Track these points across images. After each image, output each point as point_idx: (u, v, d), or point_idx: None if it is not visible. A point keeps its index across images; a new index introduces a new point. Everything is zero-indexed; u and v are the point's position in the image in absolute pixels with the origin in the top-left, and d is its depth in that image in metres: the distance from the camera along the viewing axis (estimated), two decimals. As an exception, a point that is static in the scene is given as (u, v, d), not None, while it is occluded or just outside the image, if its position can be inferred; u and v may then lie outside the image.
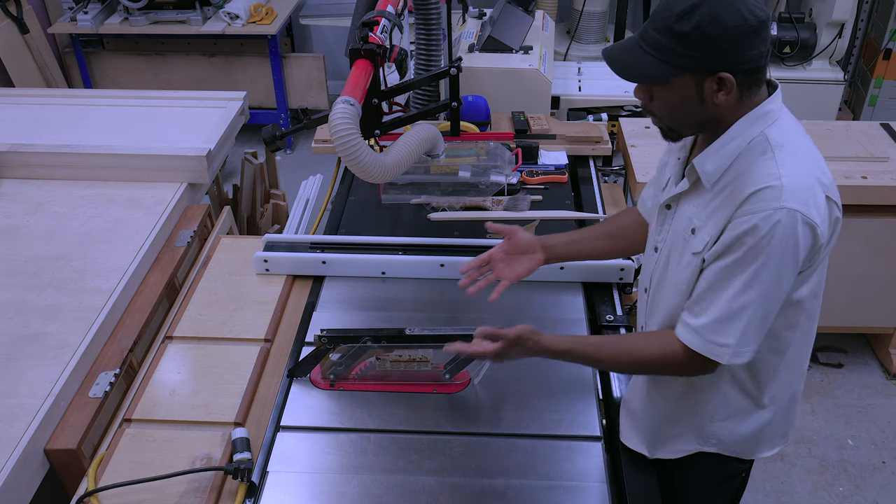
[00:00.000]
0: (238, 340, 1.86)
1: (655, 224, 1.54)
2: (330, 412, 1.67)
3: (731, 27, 1.23)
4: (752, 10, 1.24)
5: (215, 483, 1.50)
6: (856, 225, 2.81)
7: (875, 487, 2.74)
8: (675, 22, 1.25)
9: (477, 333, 1.55)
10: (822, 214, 1.29)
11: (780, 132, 1.34)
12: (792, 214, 1.26)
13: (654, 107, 1.38)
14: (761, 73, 1.32)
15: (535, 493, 1.48)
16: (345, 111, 1.73)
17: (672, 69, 1.28)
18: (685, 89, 1.30)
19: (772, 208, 1.26)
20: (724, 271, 1.33)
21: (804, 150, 1.35)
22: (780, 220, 1.26)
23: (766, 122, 1.34)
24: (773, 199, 1.26)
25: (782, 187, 1.26)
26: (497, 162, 2.33)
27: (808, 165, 1.32)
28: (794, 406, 1.59)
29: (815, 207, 1.28)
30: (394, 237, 2.12)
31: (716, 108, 1.32)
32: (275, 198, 3.20)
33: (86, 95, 3.01)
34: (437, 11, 2.59)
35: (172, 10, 4.50)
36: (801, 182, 1.28)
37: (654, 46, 1.28)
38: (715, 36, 1.23)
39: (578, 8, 4.58)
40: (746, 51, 1.26)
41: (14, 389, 1.70)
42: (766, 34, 1.28)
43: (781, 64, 4.21)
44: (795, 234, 1.27)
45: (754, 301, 1.31)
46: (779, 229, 1.26)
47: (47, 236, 2.19)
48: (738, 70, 1.27)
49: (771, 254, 1.27)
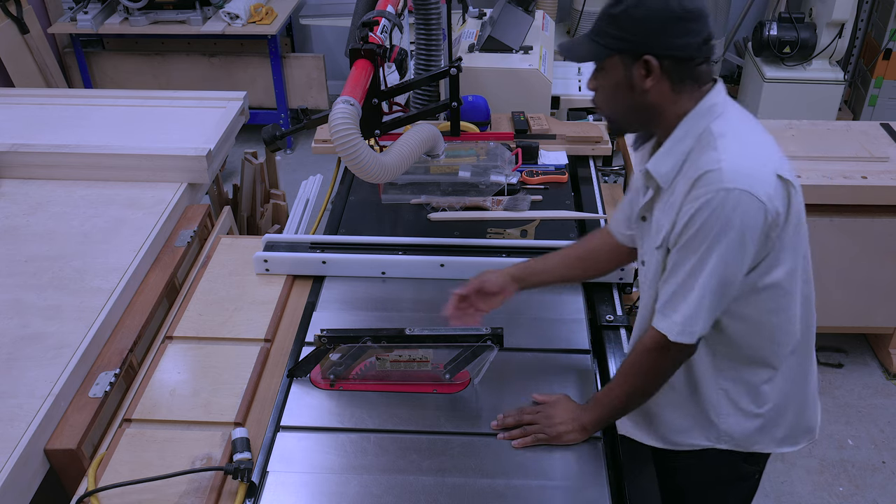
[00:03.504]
0: (238, 340, 1.86)
1: (638, 238, 1.58)
2: (330, 412, 1.67)
3: (654, 10, 1.32)
4: (680, 1, 1.32)
5: (215, 483, 1.50)
6: (856, 225, 2.81)
7: (875, 487, 2.74)
8: (609, 6, 1.36)
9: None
10: (772, 192, 1.32)
11: (724, 123, 1.38)
12: (735, 194, 1.30)
13: (598, 97, 1.47)
14: (693, 65, 1.37)
15: (535, 493, 1.48)
16: (345, 111, 1.73)
17: (603, 50, 1.38)
18: (616, 72, 1.38)
19: (714, 190, 1.31)
20: (676, 256, 1.38)
21: (748, 135, 1.39)
22: (723, 200, 1.30)
23: (710, 116, 1.38)
24: (715, 181, 1.31)
25: (722, 170, 1.31)
26: (497, 162, 2.33)
27: (751, 148, 1.36)
28: (807, 398, 1.58)
29: (760, 184, 1.31)
30: (394, 237, 2.12)
31: (645, 95, 1.38)
32: (275, 198, 3.20)
33: (86, 95, 3.01)
34: (437, 11, 2.59)
35: (172, 10, 4.50)
36: (742, 163, 1.32)
37: (594, 31, 1.39)
38: (640, 18, 1.33)
39: (578, 8, 4.58)
40: (672, 38, 1.33)
41: (14, 389, 1.70)
42: (697, 27, 1.33)
43: (781, 64, 4.21)
44: (741, 213, 1.30)
45: (703, 281, 1.35)
46: (723, 210, 1.30)
47: (47, 236, 2.19)
48: (665, 56, 1.34)
49: (717, 234, 1.31)
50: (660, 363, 1.46)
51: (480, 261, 2.02)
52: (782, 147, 1.42)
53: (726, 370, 1.50)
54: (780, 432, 1.57)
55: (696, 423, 1.56)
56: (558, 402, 1.62)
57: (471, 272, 2.01)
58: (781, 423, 1.56)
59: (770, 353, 1.49)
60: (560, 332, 1.86)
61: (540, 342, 1.83)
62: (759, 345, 1.48)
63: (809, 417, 1.61)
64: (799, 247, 1.44)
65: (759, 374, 1.51)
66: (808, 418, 1.61)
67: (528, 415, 1.60)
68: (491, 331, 1.62)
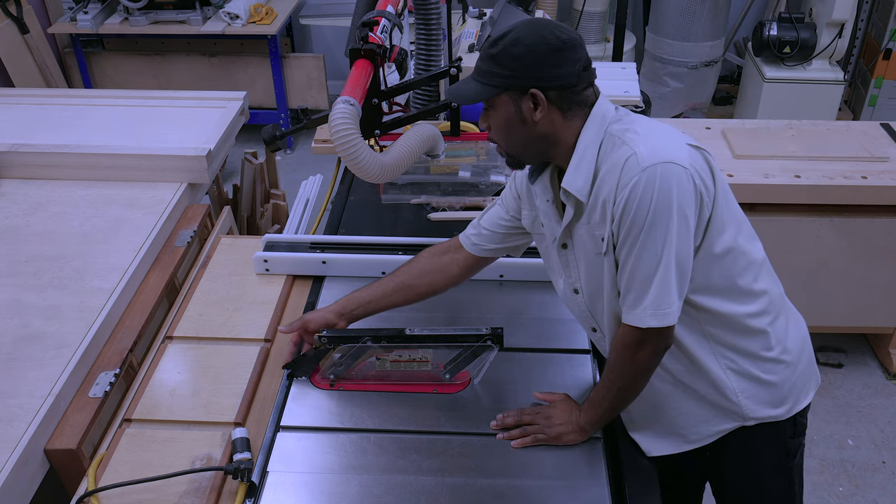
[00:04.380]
0: (238, 340, 1.86)
1: (558, 267, 1.58)
2: (330, 412, 1.67)
3: (531, 46, 1.37)
4: (553, 33, 1.37)
5: (215, 483, 1.50)
6: (856, 225, 2.81)
7: (875, 487, 2.74)
8: (489, 47, 1.41)
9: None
10: (690, 159, 1.36)
11: (621, 124, 1.42)
12: (658, 168, 1.33)
13: (493, 134, 1.49)
14: (578, 90, 1.41)
15: (535, 493, 1.48)
16: (345, 111, 1.73)
17: (490, 89, 1.41)
18: (506, 108, 1.42)
19: (637, 173, 1.34)
20: (625, 249, 1.39)
21: (649, 124, 1.44)
22: (649, 177, 1.33)
23: (605, 121, 1.43)
24: (634, 165, 1.35)
25: (638, 154, 1.35)
26: (497, 162, 2.33)
27: (656, 131, 1.41)
28: (804, 346, 1.63)
29: (677, 154, 1.35)
30: (394, 237, 2.12)
31: (536, 127, 1.42)
32: (275, 198, 3.20)
33: (86, 95, 3.01)
34: (437, 11, 2.59)
35: (172, 10, 4.50)
36: (654, 143, 1.37)
37: (479, 72, 1.43)
38: (518, 54, 1.37)
39: (578, 8, 4.58)
40: (552, 69, 1.38)
41: (14, 389, 1.70)
42: (574, 55, 1.39)
43: (781, 64, 4.21)
44: (670, 184, 1.33)
45: (662, 261, 1.36)
46: (652, 187, 1.33)
47: (47, 236, 2.19)
48: (549, 87, 1.39)
49: (655, 212, 1.34)
50: (640, 357, 1.45)
51: (480, 261, 2.02)
52: (782, 147, 1.44)
53: (724, 346, 1.52)
54: (794, 389, 1.59)
55: (716, 410, 1.56)
56: (558, 402, 1.62)
57: (471, 272, 2.01)
58: (792, 378, 1.58)
59: (753, 317, 1.51)
60: (560, 332, 1.86)
61: (540, 342, 1.83)
62: (739, 311, 1.49)
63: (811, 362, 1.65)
64: (734, 207, 1.49)
65: (754, 341, 1.52)
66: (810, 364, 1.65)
67: (527, 415, 1.60)
68: (491, 331, 1.62)
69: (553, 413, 1.59)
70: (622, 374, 1.49)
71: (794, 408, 1.59)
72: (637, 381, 1.50)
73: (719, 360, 1.52)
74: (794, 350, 1.57)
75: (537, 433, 1.57)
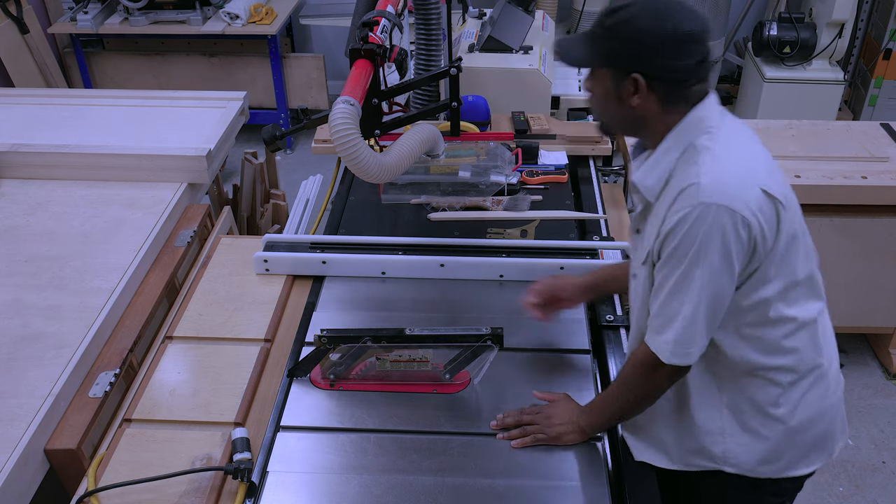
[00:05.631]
0: (238, 340, 1.86)
1: (632, 251, 1.55)
2: (330, 412, 1.67)
3: (646, 31, 1.29)
4: (675, 21, 1.28)
5: (215, 483, 1.50)
6: (856, 225, 2.81)
7: (875, 487, 2.74)
8: (605, 15, 1.34)
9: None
10: (754, 206, 1.29)
11: (711, 138, 1.34)
12: (713, 209, 1.27)
13: (590, 100, 1.45)
14: (686, 86, 1.34)
15: (535, 493, 1.48)
16: (345, 111, 1.73)
17: (592, 59, 1.37)
18: (605, 82, 1.37)
19: (692, 205, 1.29)
20: (661, 272, 1.36)
21: (736, 150, 1.35)
22: (701, 214, 1.28)
23: (698, 130, 1.35)
24: (693, 196, 1.29)
25: (700, 185, 1.29)
26: (497, 162, 2.33)
27: (735, 163, 1.33)
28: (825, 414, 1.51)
29: (740, 198, 1.28)
30: (394, 237, 2.12)
31: (632, 111, 1.36)
32: (275, 198, 3.20)
33: (86, 95, 3.01)
34: (437, 11, 2.59)
35: (172, 10, 4.50)
36: (723, 178, 1.30)
37: (590, 34, 1.37)
38: (630, 36, 1.30)
39: (578, 8, 4.58)
40: (664, 59, 1.30)
41: (14, 389, 1.70)
42: (693, 48, 1.30)
43: (781, 64, 4.21)
44: (721, 228, 1.28)
45: (692, 299, 1.32)
46: (701, 224, 1.28)
47: (47, 236, 2.19)
48: (655, 77, 1.32)
49: (698, 250, 1.29)
50: (652, 380, 1.43)
51: (480, 261, 2.02)
52: (782, 147, 1.41)
53: (730, 388, 1.47)
54: (791, 455, 1.50)
55: (701, 445, 1.52)
56: (558, 402, 1.62)
57: (471, 272, 2.02)
58: (790, 443, 1.50)
59: (771, 370, 1.45)
60: (560, 332, 1.86)
61: (540, 342, 1.83)
62: (757, 361, 1.44)
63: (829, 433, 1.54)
64: (794, 265, 1.40)
65: (762, 393, 1.46)
66: (827, 434, 1.53)
67: (527, 415, 1.60)
68: (491, 331, 1.62)
69: (553, 413, 1.59)
70: (632, 389, 1.47)
71: (785, 471, 1.52)
72: (645, 400, 1.49)
73: (723, 397, 1.48)
74: (803, 418, 1.48)
75: (537, 433, 1.56)
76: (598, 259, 2.01)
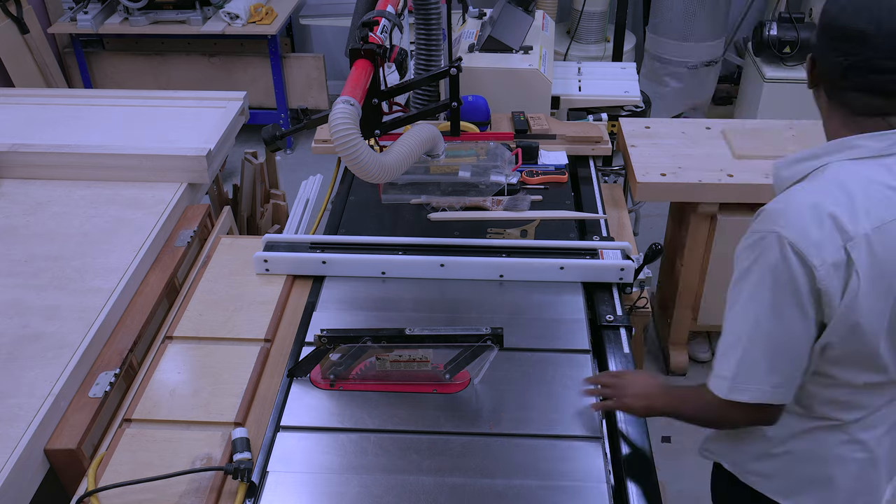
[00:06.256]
0: (238, 340, 1.86)
1: None
2: (330, 412, 1.67)
3: (829, 15, 1.26)
4: (852, 14, 1.22)
5: (215, 483, 1.50)
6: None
7: (875, 487, 2.73)
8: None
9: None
10: (824, 255, 1.20)
11: (842, 170, 1.25)
12: (781, 241, 1.21)
13: None
14: (840, 85, 1.27)
15: (535, 493, 1.48)
16: (345, 111, 1.73)
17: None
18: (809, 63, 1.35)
19: (765, 230, 1.24)
20: (728, 294, 1.31)
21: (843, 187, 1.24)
22: (771, 244, 1.21)
23: (845, 154, 1.27)
24: (768, 220, 1.24)
25: (778, 210, 1.24)
26: (497, 162, 2.33)
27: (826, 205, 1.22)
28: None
29: (813, 244, 1.20)
30: (394, 237, 2.12)
31: (814, 89, 1.34)
32: (275, 198, 3.20)
33: (86, 95, 3.01)
34: (437, 11, 2.59)
35: (172, 10, 4.50)
36: (797, 213, 1.22)
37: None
38: (821, 12, 1.29)
39: (578, 8, 4.58)
40: (823, 48, 1.28)
41: (14, 389, 1.70)
42: (847, 47, 1.22)
43: (781, 64, 4.21)
44: (787, 263, 1.21)
45: (749, 329, 1.27)
46: (769, 254, 1.22)
47: (47, 236, 2.19)
48: (818, 62, 1.30)
49: (762, 279, 1.23)
50: (724, 415, 1.38)
51: (480, 261, 2.02)
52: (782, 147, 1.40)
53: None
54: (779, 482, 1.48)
55: (728, 447, 1.54)
56: (638, 376, 1.61)
57: (471, 272, 2.02)
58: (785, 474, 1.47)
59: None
60: (560, 332, 1.86)
61: (540, 342, 1.83)
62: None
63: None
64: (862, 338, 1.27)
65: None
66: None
67: (605, 378, 1.63)
68: (491, 331, 1.62)
69: (629, 384, 1.57)
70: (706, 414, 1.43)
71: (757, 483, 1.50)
72: (710, 426, 1.50)
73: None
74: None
75: (608, 398, 1.59)
76: (598, 259, 2.01)
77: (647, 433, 1.62)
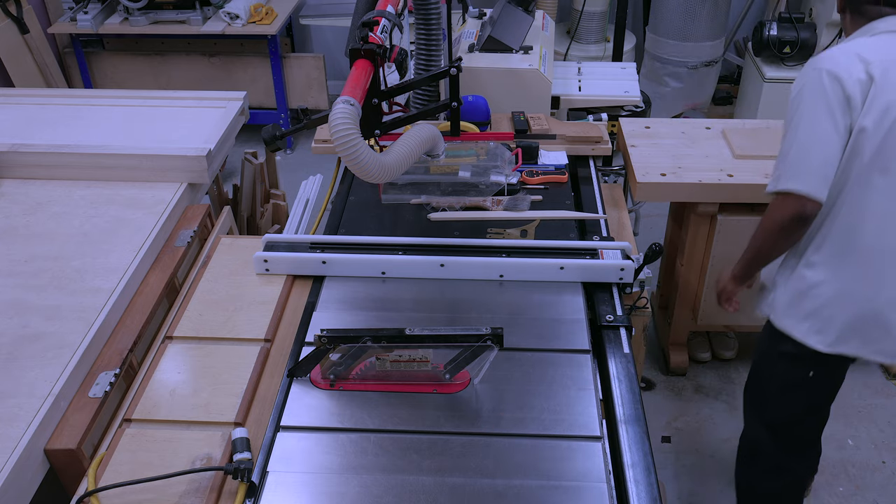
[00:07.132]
0: (238, 340, 1.86)
1: None
2: (330, 412, 1.67)
3: None
4: None
5: (215, 483, 1.50)
6: (856, 225, 2.81)
7: (875, 487, 2.74)
8: None
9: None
10: (849, 72, 1.71)
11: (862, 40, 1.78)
12: (816, 70, 1.74)
13: None
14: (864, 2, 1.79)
15: (535, 493, 1.48)
16: (345, 111, 1.73)
17: None
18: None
19: (807, 70, 1.78)
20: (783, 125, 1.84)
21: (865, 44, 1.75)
22: (807, 73, 1.77)
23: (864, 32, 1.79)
24: (808, 65, 1.79)
25: (815, 57, 1.78)
26: (497, 162, 2.33)
27: (854, 46, 1.76)
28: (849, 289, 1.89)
29: (839, 65, 1.72)
30: (394, 237, 2.12)
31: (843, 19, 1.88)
32: (275, 198, 3.20)
33: (86, 95, 3.01)
34: (437, 11, 2.59)
35: (172, 10, 4.50)
36: (833, 52, 1.75)
37: None
38: None
39: (578, 8, 4.58)
40: None
41: (14, 389, 1.70)
42: None
43: (781, 64, 4.21)
44: (821, 83, 1.73)
45: (793, 137, 1.76)
46: (806, 81, 1.77)
47: (47, 236, 2.19)
48: None
49: (802, 100, 1.76)
50: (770, 218, 1.83)
51: (480, 261, 2.02)
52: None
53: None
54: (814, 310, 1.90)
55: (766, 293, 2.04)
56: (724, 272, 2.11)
57: (471, 272, 2.02)
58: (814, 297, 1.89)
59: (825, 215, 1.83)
60: (560, 332, 1.86)
61: (540, 342, 1.83)
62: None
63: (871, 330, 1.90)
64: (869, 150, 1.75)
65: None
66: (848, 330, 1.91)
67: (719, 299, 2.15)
68: (491, 331, 1.62)
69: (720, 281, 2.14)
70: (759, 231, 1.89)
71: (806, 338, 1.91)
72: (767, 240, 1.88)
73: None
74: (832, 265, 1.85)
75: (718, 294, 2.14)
76: (598, 259, 2.01)
77: (647, 433, 1.62)
